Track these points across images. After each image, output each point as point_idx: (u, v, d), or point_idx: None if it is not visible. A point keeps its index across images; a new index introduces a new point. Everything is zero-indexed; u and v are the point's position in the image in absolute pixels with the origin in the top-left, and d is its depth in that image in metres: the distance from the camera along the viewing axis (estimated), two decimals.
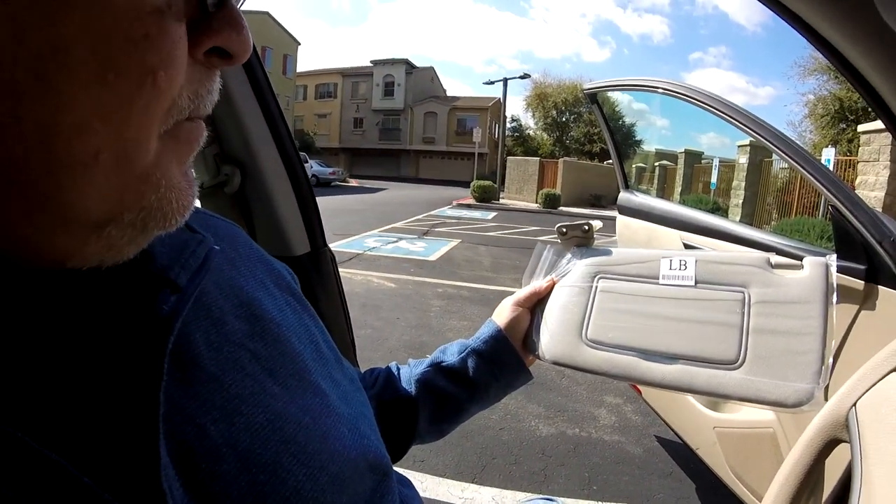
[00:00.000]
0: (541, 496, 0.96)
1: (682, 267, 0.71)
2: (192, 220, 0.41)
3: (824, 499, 1.16)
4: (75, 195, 0.25)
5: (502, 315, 0.76)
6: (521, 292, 0.79)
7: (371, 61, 40.86)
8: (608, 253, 0.78)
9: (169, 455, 0.29)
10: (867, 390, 0.60)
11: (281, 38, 34.04)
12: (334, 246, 0.91)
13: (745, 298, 0.66)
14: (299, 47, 36.79)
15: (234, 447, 0.33)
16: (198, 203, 0.32)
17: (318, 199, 0.97)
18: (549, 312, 0.76)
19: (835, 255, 0.66)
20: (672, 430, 2.01)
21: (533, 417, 2.76)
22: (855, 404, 0.61)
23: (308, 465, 0.36)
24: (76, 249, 0.27)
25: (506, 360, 0.73)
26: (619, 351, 0.69)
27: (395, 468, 0.57)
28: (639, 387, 2.04)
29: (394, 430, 0.68)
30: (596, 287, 0.75)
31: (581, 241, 0.81)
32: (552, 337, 0.73)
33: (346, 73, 41.45)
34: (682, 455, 2.33)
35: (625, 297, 0.73)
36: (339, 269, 1.01)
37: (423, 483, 2.10)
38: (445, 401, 0.71)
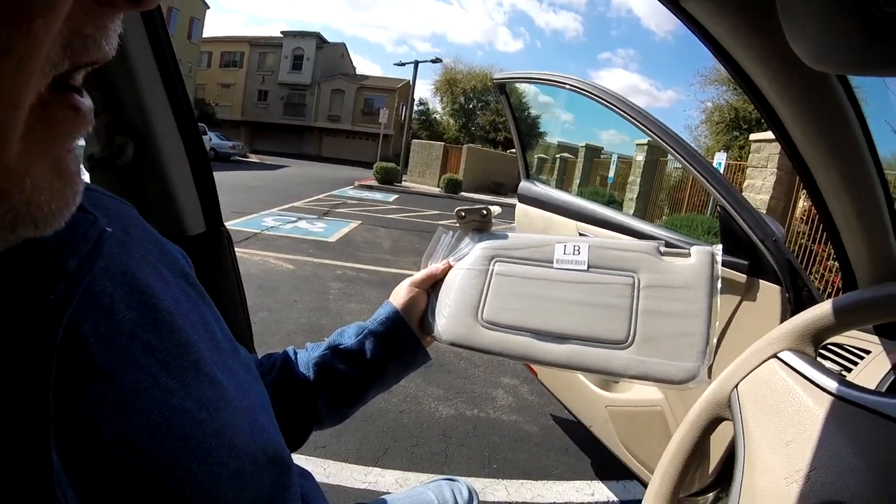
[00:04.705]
0: (443, 477, 0.97)
1: (576, 252, 0.74)
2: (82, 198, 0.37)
3: (710, 469, 1.27)
4: None
5: (399, 296, 0.77)
6: (419, 274, 0.80)
7: (281, 32, 39.04)
8: (505, 237, 0.80)
9: (61, 459, 0.26)
10: (747, 374, 0.66)
11: None
12: (231, 224, 0.85)
13: (634, 283, 0.69)
14: (207, 11, 34.21)
15: (129, 447, 0.30)
16: (86, 177, 0.28)
17: (216, 175, 0.92)
18: (446, 294, 0.77)
19: (720, 246, 0.72)
20: (567, 409, 2.09)
21: (432, 400, 2.80)
22: (737, 386, 0.66)
23: (207, 463, 0.34)
24: None
25: (403, 340, 0.74)
26: (514, 332, 0.71)
27: (296, 455, 0.56)
28: (534, 367, 2.11)
29: (293, 415, 0.67)
30: (492, 270, 0.77)
31: (479, 225, 0.82)
32: (449, 318, 0.74)
33: (254, 43, 39.17)
34: (577, 432, 2.45)
35: (520, 280, 0.75)
36: (236, 250, 0.96)
37: (326, 469, 2.07)
38: (344, 384, 0.70)
